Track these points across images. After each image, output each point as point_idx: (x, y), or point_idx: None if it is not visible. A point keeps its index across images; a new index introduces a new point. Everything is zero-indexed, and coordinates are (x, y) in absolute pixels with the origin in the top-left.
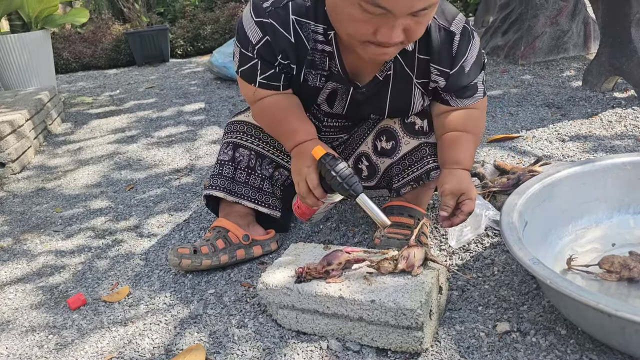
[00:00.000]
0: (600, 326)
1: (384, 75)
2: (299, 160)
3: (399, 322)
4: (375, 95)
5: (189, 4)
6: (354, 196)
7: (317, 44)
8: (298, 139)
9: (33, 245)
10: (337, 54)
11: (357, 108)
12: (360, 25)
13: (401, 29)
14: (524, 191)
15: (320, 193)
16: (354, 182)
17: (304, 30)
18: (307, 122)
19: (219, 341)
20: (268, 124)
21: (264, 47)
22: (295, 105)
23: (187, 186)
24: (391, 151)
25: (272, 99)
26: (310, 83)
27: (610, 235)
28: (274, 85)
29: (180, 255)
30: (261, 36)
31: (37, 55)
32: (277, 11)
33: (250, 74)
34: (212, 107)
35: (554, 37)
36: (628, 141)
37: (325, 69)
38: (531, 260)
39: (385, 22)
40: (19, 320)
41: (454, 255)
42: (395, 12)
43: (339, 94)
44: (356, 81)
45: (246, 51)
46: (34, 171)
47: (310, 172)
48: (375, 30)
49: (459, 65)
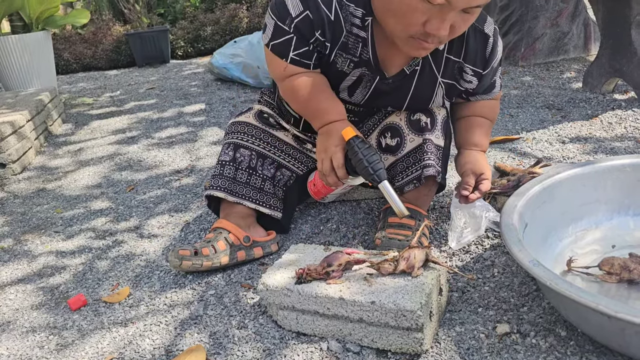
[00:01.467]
0: (600, 328)
1: (411, 69)
2: (327, 138)
3: (399, 324)
4: (398, 88)
5: (190, 5)
6: (377, 182)
7: (353, 28)
8: (329, 118)
9: (34, 246)
10: (371, 41)
11: (377, 99)
12: (414, 14)
13: (449, 23)
14: (524, 193)
15: (343, 173)
16: (380, 168)
17: (343, 11)
18: (338, 102)
19: (219, 342)
20: (298, 101)
21: (302, 21)
22: (326, 84)
23: (187, 187)
24: (396, 148)
25: (303, 77)
26: (339, 66)
27: (610, 237)
28: (306, 63)
29: (180, 256)
30: (302, 10)
31: (37, 56)
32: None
33: (283, 48)
34: (213, 108)
35: (554, 39)
36: (628, 143)
37: (357, 54)
38: (531, 261)
39: (438, 14)
40: (20, 321)
41: (454, 256)
42: (455, 4)
43: (363, 82)
44: (384, 72)
45: (283, 24)
46: (35, 172)
47: (337, 151)
48: (426, 20)
49: (491, 66)
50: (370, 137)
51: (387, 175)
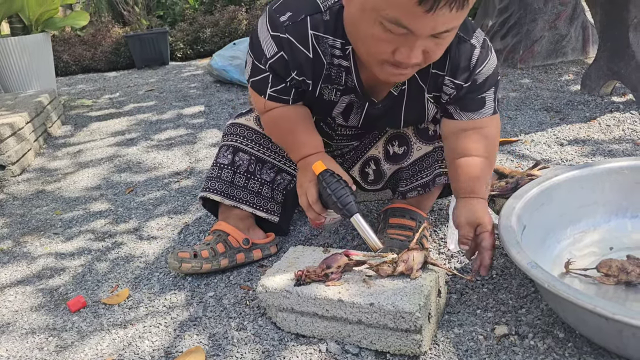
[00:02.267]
0: (598, 329)
1: (398, 90)
2: (302, 174)
3: (398, 325)
4: (390, 110)
5: (189, 7)
6: (348, 216)
7: (334, 59)
8: (304, 152)
9: (33, 247)
10: (355, 69)
11: (371, 122)
12: (380, 44)
13: (421, 49)
14: (522, 195)
15: (319, 208)
16: (348, 202)
17: (321, 45)
18: (314, 135)
19: (218, 344)
20: (277, 135)
21: (277, 62)
22: (304, 117)
23: (186, 189)
24: (402, 156)
25: (280, 111)
26: (326, 97)
27: (608, 239)
28: (284, 98)
29: (180, 259)
30: (276, 51)
31: (37, 58)
32: (294, 26)
33: (261, 85)
34: (212, 110)
35: (553, 41)
36: (626, 145)
37: (342, 83)
38: (529, 263)
39: (405, 42)
40: (19, 323)
41: (452, 258)
42: (417, 32)
43: (354, 108)
44: (372, 97)
45: (259, 63)
46: (34, 174)
47: (310, 187)
48: (395, 49)
49: (473, 79)
50: (377, 145)
51: (357, 208)
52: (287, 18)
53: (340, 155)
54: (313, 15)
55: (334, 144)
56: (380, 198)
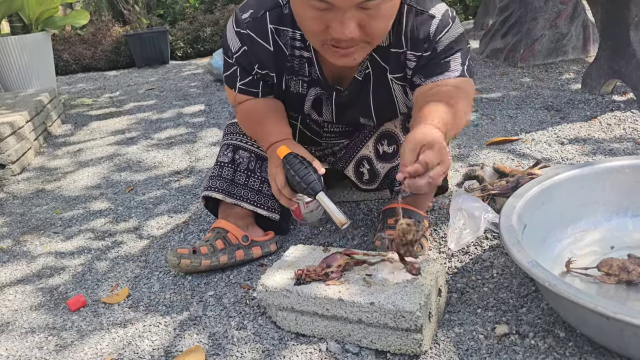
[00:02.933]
0: (599, 329)
1: (362, 74)
2: (270, 161)
3: (398, 325)
4: (357, 96)
5: (189, 6)
6: (312, 194)
7: (295, 50)
8: (271, 139)
9: (33, 246)
10: (316, 59)
11: (344, 113)
12: (312, 23)
13: (353, 24)
14: (523, 194)
15: (288, 192)
16: (312, 181)
17: (282, 38)
18: (282, 124)
19: (218, 343)
20: (247, 127)
21: (241, 56)
22: (273, 109)
23: (186, 188)
24: (392, 155)
25: (250, 103)
26: (293, 89)
27: (609, 238)
28: (253, 91)
29: (179, 255)
30: (240, 46)
31: (37, 56)
32: (255, 22)
33: (231, 79)
34: (212, 109)
35: (553, 40)
36: (627, 144)
37: (306, 74)
38: (530, 262)
39: (334, 18)
40: (19, 322)
41: (453, 257)
42: (338, 4)
43: (323, 100)
44: (338, 85)
45: (228, 58)
46: (34, 173)
47: (278, 172)
48: (327, 27)
49: (434, 47)
50: (367, 144)
51: (322, 187)
52: (249, 15)
53: (332, 154)
54: (272, 10)
55: (324, 141)
56: (380, 197)
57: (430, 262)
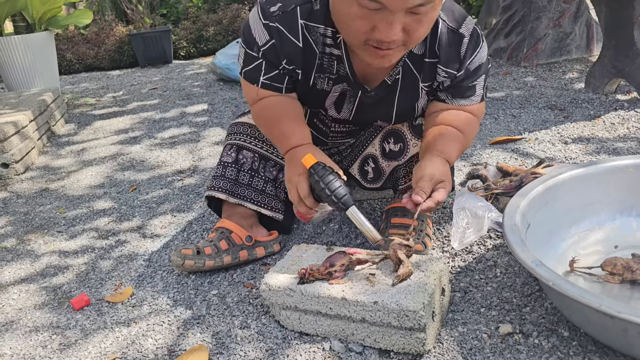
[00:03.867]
0: (603, 328)
1: (392, 79)
2: (291, 167)
3: (402, 324)
4: (383, 99)
5: (192, 5)
6: (343, 209)
7: (326, 47)
8: (291, 142)
9: (37, 245)
10: (346, 56)
11: (364, 112)
12: (358, 22)
13: (400, 27)
14: (526, 193)
15: (311, 202)
16: (343, 195)
17: (312, 35)
18: (302, 126)
19: (221, 342)
20: (264, 125)
21: (269, 50)
22: (293, 108)
23: (190, 187)
24: (399, 153)
25: (271, 100)
26: (319, 87)
27: (613, 238)
28: (277, 86)
29: (183, 255)
30: (268, 39)
31: (40, 56)
32: (284, 16)
33: (254, 73)
34: (215, 109)
35: (557, 39)
36: (631, 143)
37: (334, 72)
38: (534, 262)
39: (382, 19)
40: (23, 321)
41: (456, 256)
42: (391, 7)
43: (347, 98)
44: (365, 85)
45: (251, 51)
46: (38, 172)
47: (301, 181)
48: (373, 27)
49: (465, 67)
50: (373, 143)
51: (353, 201)
52: (278, 8)
53: (338, 152)
54: (303, 5)
55: (330, 141)
56: (383, 196)
57: (434, 261)
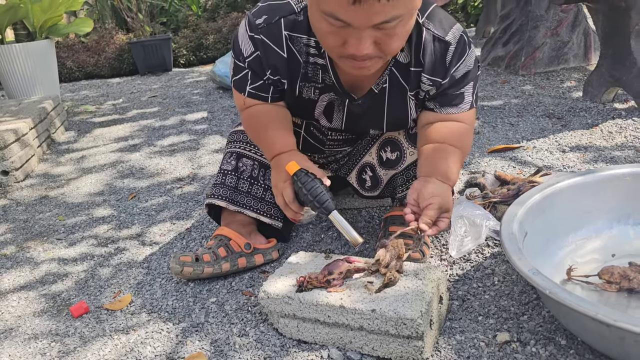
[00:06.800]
0: (600, 336)
1: (379, 88)
2: (276, 173)
3: (400, 332)
4: (371, 107)
5: (192, 14)
6: (325, 214)
7: (310, 57)
8: (276, 149)
9: (36, 253)
10: (331, 65)
11: (355, 121)
12: (329, 37)
13: (370, 40)
14: (524, 201)
15: (296, 207)
16: (325, 200)
17: (296, 45)
18: (287, 133)
19: (220, 349)
20: (252, 132)
21: (253, 61)
22: (280, 116)
23: (189, 195)
24: (396, 162)
25: (258, 108)
26: (305, 95)
27: (610, 246)
28: (263, 96)
29: (182, 262)
30: (252, 50)
31: (41, 64)
32: (269, 27)
33: (241, 83)
34: (215, 117)
35: (555, 48)
36: (628, 152)
37: (319, 81)
38: (531, 270)
39: (351, 34)
40: (22, 328)
41: (454, 265)
42: (355, 24)
43: (335, 106)
44: (352, 93)
45: (239, 62)
46: (38, 179)
47: (286, 187)
48: (344, 42)
49: (450, 74)
50: (370, 151)
51: (334, 205)
52: (263, 20)
53: (335, 161)
54: (287, 17)
55: (327, 149)
56: (381, 204)
57: (432, 269)
